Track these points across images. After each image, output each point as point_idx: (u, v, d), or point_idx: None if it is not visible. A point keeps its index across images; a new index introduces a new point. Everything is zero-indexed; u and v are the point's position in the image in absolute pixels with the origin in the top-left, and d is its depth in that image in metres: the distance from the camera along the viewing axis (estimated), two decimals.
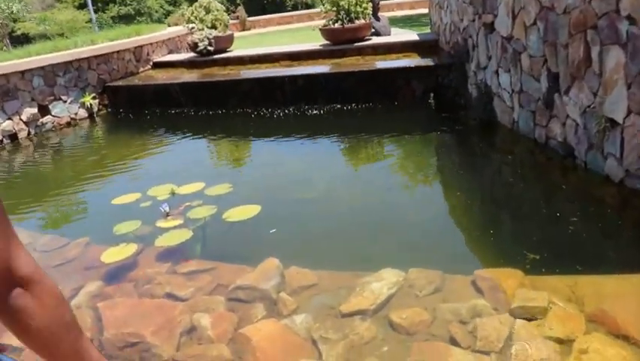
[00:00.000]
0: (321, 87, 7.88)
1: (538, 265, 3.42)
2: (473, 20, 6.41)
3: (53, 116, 9.10)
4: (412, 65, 7.45)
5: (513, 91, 5.49)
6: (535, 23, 4.83)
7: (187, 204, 4.76)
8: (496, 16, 5.69)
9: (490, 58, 6.01)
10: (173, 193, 5.02)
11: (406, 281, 3.41)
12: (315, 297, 3.45)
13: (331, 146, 6.82)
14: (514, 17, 5.24)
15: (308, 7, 30.90)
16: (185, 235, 4.17)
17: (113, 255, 4.01)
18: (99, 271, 4.00)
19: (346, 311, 3.19)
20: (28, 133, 8.71)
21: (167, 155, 7.23)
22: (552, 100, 4.73)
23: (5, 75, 8.31)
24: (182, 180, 5.54)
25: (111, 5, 29.29)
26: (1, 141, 8.30)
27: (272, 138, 7.33)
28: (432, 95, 7.38)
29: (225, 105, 8.64)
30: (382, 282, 3.42)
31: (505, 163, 5.37)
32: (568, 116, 4.50)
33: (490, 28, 5.85)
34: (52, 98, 9.07)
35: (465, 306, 3.10)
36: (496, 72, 5.84)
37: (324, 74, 7.96)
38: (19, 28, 22.13)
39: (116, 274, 3.93)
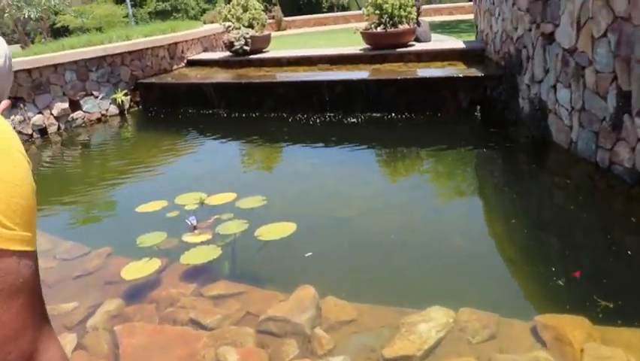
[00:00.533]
0: (361, 94, 7.49)
1: (607, 313, 3.00)
2: (529, 30, 5.96)
3: (84, 111, 8.93)
4: (459, 75, 7.02)
5: (573, 108, 5.03)
6: (605, 35, 4.37)
7: (216, 216, 4.44)
8: (557, 25, 5.24)
9: (547, 71, 5.56)
10: (201, 203, 4.72)
11: (456, 324, 3.04)
12: (355, 336, 3.10)
13: (369, 158, 6.45)
14: (579, 28, 4.79)
15: (344, 9, 30.56)
16: (214, 252, 3.84)
17: (135, 271, 3.70)
18: (120, 287, 3.70)
19: (390, 356, 2.83)
20: (58, 128, 8.54)
21: (198, 158, 6.95)
22: (620, 121, 4.27)
23: (38, 68, 8.15)
24: (212, 188, 5.23)
25: (149, 1, 29.37)
26: (31, 135, 8.14)
27: (307, 146, 7.00)
28: (479, 107, 6.95)
29: (260, 108, 8.33)
30: (430, 323, 3.06)
31: (561, 188, 4.92)
32: (639, 140, 4.05)
33: (550, 38, 5.41)
34: (83, 93, 8.89)
35: (525, 359, 2.72)
36: (554, 87, 5.39)
37: (365, 80, 7.58)
38: (60, 21, 22.26)
39: (138, 293, 3.63)
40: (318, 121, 7.80)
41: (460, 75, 7.02)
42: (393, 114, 7.41)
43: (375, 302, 3.33)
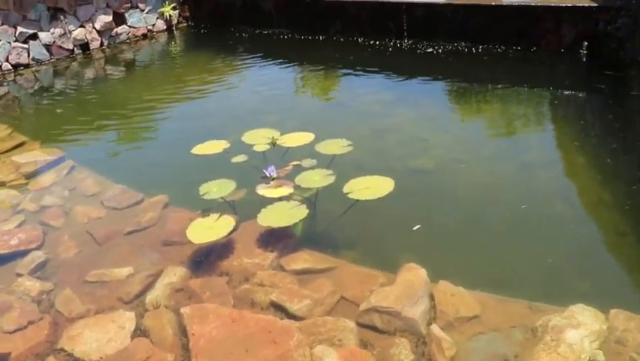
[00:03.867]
0: (446, 21, 6.51)
1: None
2: None
3: (129, 26, 8.15)
4: (566, 4, 5.93)
5: None
6: None
7: (295, 162, 3.68)
8: None
9: None
10: (274, 144, 3.93)
11: (610, 331, 2.37)
12: (480, 339, 2.44)
13: (449, 96, 5.59)
14: None
15: None
16: (298, 212, 3.07)
17: (203, 231, 2.98)
18: (181, 251, 3.06)
19: None
20: (101, 43, 7.79)
21: (256, 86, 6.13)
22: None
23: None
24: (277, 123, 4.48)
25: None
26: (72, 50, 7.41)
27: (379, 78, 6.14)
28: (586, 44, 5.91)
29: (326, 31, 7.49)
30: (580, 330, 2.40)
31: None
32: None
33: None
34: (128, 5, 8.07)
35: None
36: None
37: (451, 5, 6.53)
38: None
39: (204, 260, 2.99)
40: (390, 49, 6.86)
41: (568, 4, 5.92)
42: (480, 46, 6.44)
43: (485, 287, 2.70)
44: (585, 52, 5.97)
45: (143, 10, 8.24)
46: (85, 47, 7.56)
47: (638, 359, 2.26)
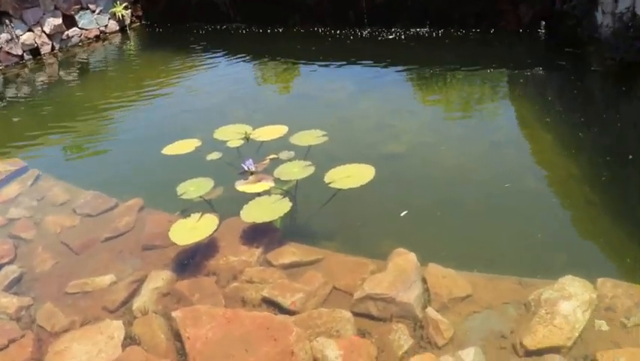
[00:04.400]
0: (406, 7, 6.52)
1: None
2: None
3: (80, 28, 7.88)
4: None
5: None
6: None
7: (272, 156, 3.61)
8: None
9: None
10: (247, 138, 3.84)
11: (600, 300, 2.42)
12: (476, 318, 2.45)
13: (412, 81, 5.61)
14: None
15: None
16: (280, 206, 3.01)
17: (187, 232, 2.89)
18: (163, 254, 2.97)
19: (534, 348, 2.20)
20: (52, 48, 7.50)
21: (221, 83, 6.01)
22: None
23: None
24: (249, 118, 4.43)
25: None
26: (22, 56, 7.12)
27: (343, 66, 6.11)
28: (543, 24, 6.02)
29: (285, 22, 7.41)
30: (572, 301, 2.43)
31: None
32: None
33: None
34: (78, 7, 7.80)
35: None
36: None
37: None
38: None
39: (188, 262, 2.91)
40: (352, 37, 6.84)
41: None
42: (441, 30, 6.49)
43: (473, 266, 2.72)
44: (543, 31, 6.09)
45: (93, 12, 7.98)
46: (35, 51, 7.27)
47: (628, 324, 2.31)
